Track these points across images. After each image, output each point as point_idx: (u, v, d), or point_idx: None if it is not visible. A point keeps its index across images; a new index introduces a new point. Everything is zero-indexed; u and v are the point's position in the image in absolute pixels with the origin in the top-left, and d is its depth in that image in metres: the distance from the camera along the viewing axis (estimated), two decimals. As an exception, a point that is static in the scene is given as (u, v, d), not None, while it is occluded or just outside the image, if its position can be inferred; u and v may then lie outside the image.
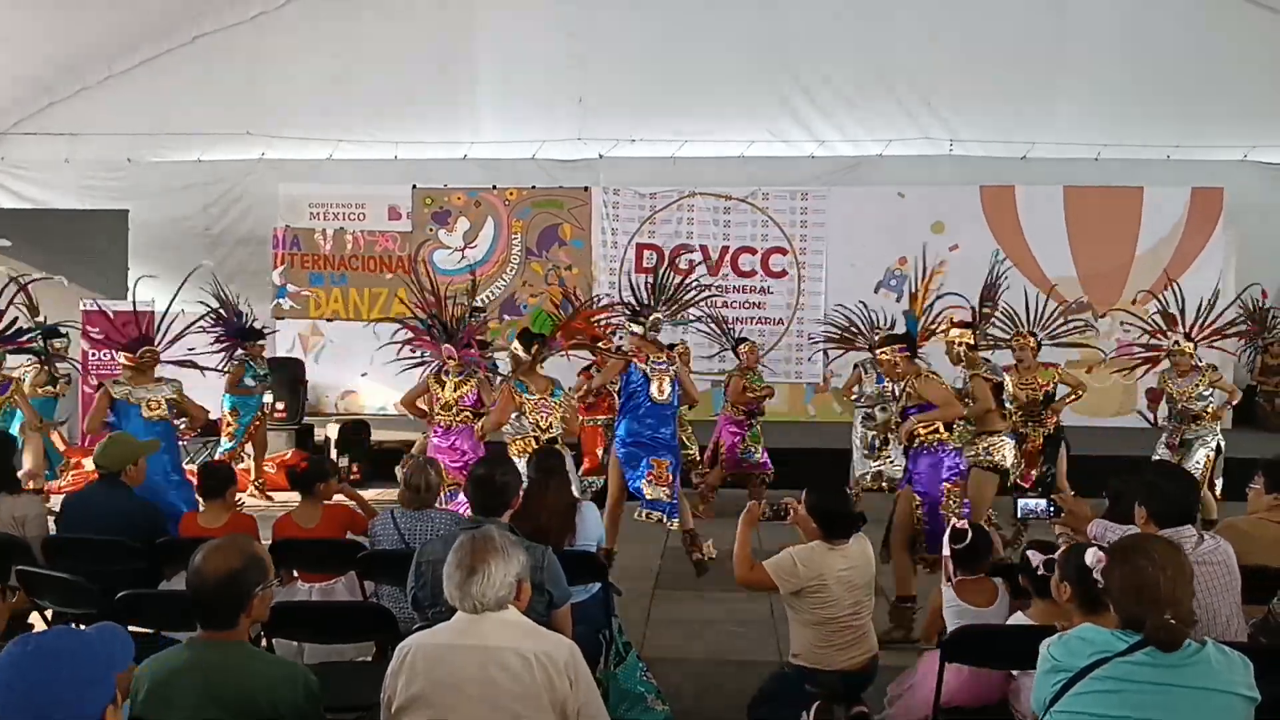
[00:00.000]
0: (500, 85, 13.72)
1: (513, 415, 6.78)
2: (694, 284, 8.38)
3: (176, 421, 7.23)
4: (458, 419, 7.18)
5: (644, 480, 6.81)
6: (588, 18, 13.40)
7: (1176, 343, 8.20)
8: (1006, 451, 6.93)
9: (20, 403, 8.34)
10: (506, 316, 13.02)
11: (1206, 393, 8.12)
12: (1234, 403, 9.05)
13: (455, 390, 7.20)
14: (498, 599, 2.74)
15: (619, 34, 13.42)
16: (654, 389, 6.97)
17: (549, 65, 13.60)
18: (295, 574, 4.97)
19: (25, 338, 8.21)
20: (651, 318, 7.23)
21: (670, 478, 6.88)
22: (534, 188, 13.56)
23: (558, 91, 13.57)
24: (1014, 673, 3.66)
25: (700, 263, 12.68)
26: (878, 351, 6.63)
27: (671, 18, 13.34)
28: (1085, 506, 4.22)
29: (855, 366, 9.41)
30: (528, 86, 13.68)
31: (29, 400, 8.50)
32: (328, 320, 13.47)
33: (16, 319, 8.09)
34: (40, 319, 9.04)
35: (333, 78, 13.65)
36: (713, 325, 9.81)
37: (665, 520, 6.82)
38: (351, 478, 10.11)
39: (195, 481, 5.71)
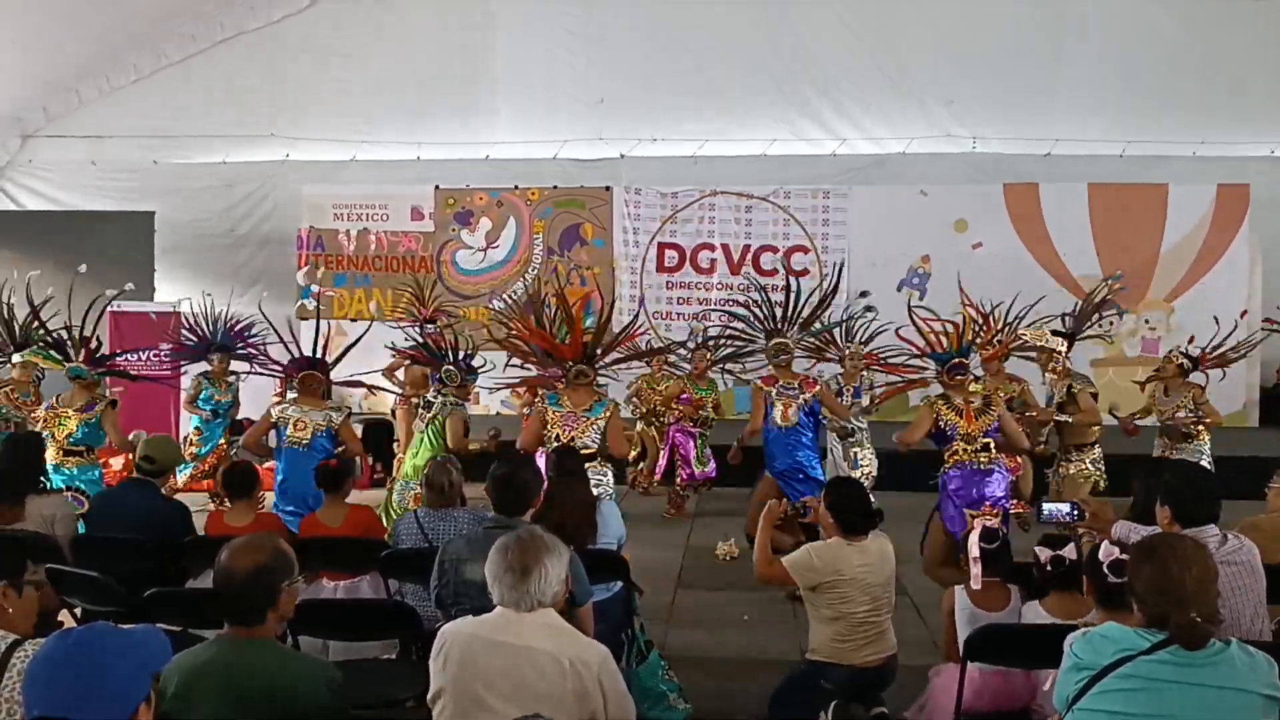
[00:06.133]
0: (521, 86, 13.76)
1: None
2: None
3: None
4: None
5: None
6: (607, 18, 13.44)
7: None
8: None
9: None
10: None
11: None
12: None
13: None
14: (553, 595, 2.75)
15: (639, 33, 13.45)
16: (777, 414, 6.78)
17: (569, 65, 13.66)
18: (320, 572, 5.00)
19: None
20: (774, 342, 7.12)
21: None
22: (555, 187, 13.59)
23: (578, 91, 13.62)
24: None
25: None
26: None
27: (691, 17, 13.33)
28: (1109, 509, 4.18)
29: None
30: (548, 87, 13.74)
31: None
32: (351, 320, 13.54)
33: None
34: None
35: (355, 80, 13.79)
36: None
37: None
38: (375, 477, 10.18)
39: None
